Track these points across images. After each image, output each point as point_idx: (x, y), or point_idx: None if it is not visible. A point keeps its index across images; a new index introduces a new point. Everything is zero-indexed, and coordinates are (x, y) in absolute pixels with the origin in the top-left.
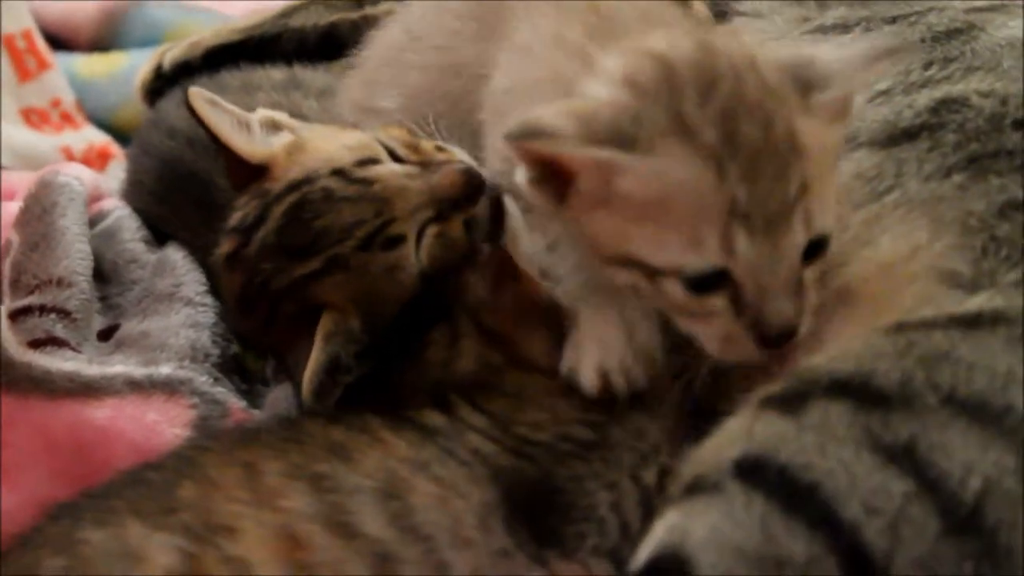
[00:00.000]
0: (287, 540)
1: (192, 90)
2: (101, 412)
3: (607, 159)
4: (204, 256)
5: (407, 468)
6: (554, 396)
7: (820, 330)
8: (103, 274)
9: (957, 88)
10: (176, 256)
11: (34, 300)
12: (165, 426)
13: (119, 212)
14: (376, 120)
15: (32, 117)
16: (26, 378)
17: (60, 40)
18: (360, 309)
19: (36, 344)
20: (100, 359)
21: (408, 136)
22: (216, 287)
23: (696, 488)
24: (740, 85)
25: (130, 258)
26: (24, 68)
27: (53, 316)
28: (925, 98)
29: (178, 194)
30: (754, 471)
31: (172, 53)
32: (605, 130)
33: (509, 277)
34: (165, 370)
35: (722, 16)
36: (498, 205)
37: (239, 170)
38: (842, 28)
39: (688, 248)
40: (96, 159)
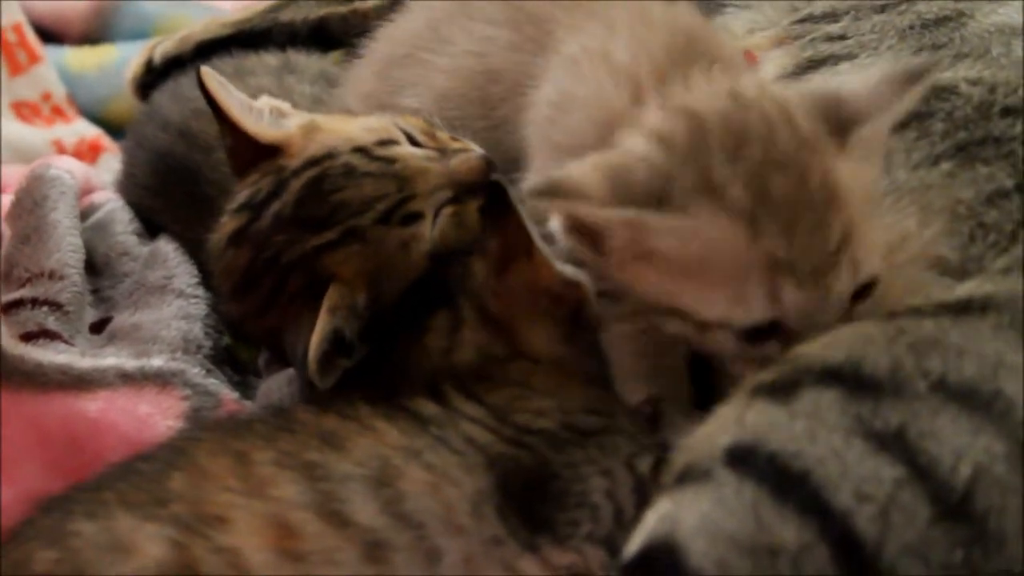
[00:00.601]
0: (279, 529)
1: (204, 69)
2: (94, 404)
3: (635, 219)
4: (195, 249)
5: (399, 456)
6: (562, 384)
7: None
8: (95, 267)
9: (946, 76)
10: (168, 248)
11: (26, 293)
12: (158, 418)
13: (111, 205)
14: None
15: (23, 110)
16: (18, 371)
17: (50, 33)
18: (368, 283)
19: (28, 337)
20: (92, 352)
21: (425, 125)
22: (207, 279)
23: (687, 476)
24: (772, 138)
25: (122, 251)
26: (15, 62)
27: (45, 309)
28: None
29: (170, 187)
30: (745, 459)
31: (163, 47)
32: (637, 188)
33: (521, 256)
34: (157, 362)
35: (712, 8)
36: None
37: (244, 152)
38: (831, 17)
39: (735, 304)
40: (87, 152)
